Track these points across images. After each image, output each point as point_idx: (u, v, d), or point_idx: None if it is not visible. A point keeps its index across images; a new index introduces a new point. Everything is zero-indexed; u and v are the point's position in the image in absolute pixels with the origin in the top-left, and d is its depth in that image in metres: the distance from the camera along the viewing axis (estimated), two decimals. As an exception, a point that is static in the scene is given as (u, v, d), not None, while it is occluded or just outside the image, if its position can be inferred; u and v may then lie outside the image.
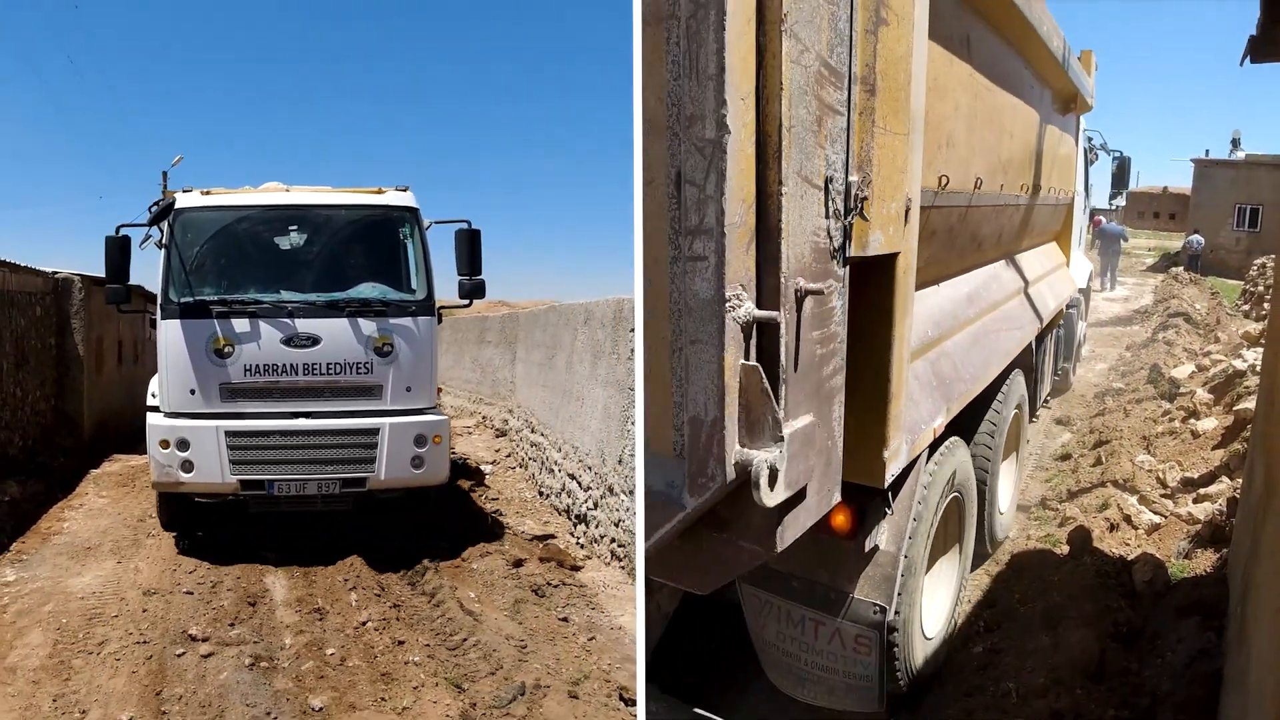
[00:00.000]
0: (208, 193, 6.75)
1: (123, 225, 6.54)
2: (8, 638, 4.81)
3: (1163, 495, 6.37)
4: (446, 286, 7.31)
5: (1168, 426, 7.82)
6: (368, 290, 6.82)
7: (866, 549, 3.42)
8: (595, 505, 7.28)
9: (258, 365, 6.41)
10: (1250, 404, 7.12)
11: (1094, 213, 12.90)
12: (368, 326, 6.59)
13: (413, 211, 6.99)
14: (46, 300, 10.14)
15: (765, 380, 2.19)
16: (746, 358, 2.21)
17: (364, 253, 7.08)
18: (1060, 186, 7.52)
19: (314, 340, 6.48)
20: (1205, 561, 4.90)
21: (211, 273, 6.77)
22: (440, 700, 4.29)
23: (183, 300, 6.43)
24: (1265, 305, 18.07)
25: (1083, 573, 4.89)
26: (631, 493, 7.48)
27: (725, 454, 2.18)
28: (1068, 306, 8.22)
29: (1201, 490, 6.31)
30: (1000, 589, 5.07)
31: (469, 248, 6.91)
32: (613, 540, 6.86)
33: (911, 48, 2.75)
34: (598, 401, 7.31)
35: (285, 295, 6.61)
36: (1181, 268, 23.57)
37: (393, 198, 7.05)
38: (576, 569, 6.38)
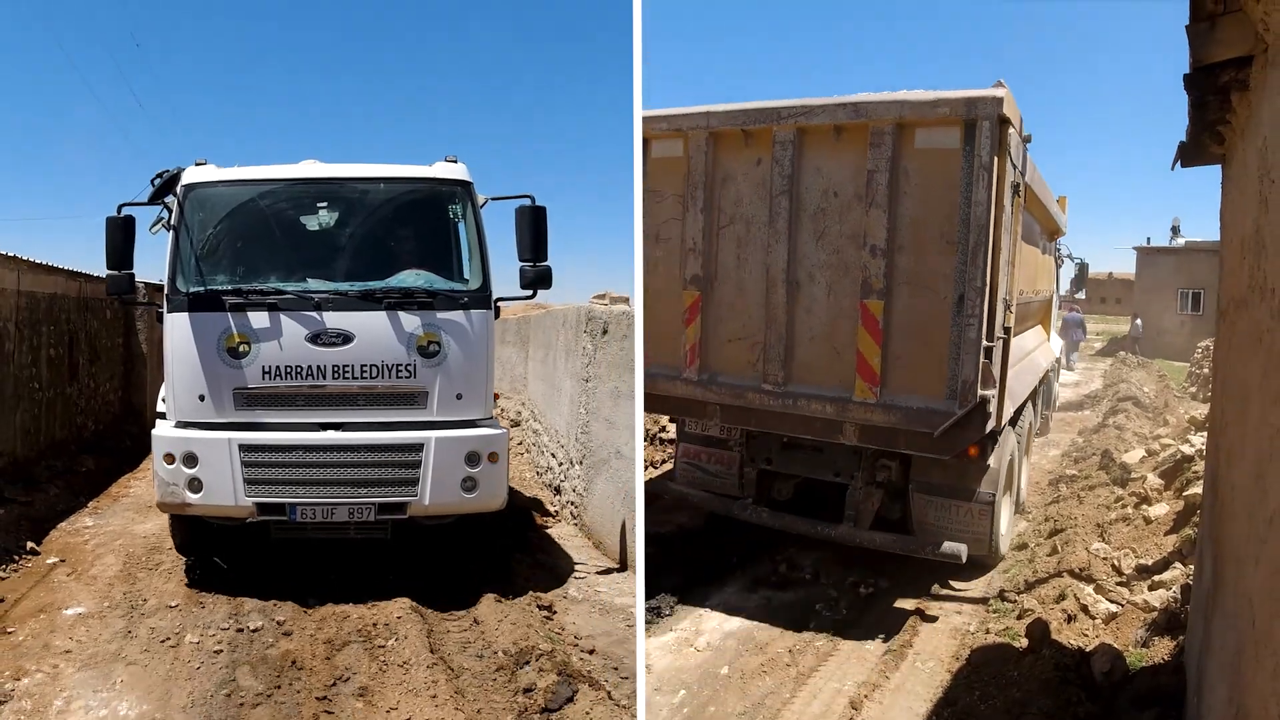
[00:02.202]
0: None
1: (125, 204, 5.80)
2: (90, 559, 7.05)
3: (1118, 583, 6.57)
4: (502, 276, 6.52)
5: (1121, 513, 8.06)
6: (411, 279, 5.99)
7: (984, 466, 6.65)
8: (564, 477, 8.87)
9: (279, 367, 5.69)
10: (1199, 489, 7.30)
11: (1062, 302, 16.17)
12: (411, 322, 5.80)
13: (465, 186, 6.15)
14: (115, 304, 12.01)
15: (997, 363, 5.95)
16: (987, 358, 5.90)
17: (407, 235, 6.30)
18: (1047, 288, 11.58)
19: (346, 338, 5.72)
20: (1163, 649, 5.04)
21: (226, 258, 6.04)
22: None
23: (192, 290, 5.78)
24: (1211, 388, 18.55)
25: (1042, 666, 4.95)
26: (582, 461, 8.27)
27: (977, 391, 5.81)
28: (1048, 370, 11.51)
29: (1156, 577, 6.54)
30: (960, 687, 5.11)
31: (532, 228, 5.99)
32: (570, 503, 8.65)
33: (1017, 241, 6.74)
34: (566, 391, 8.76)
35: (312, 284, 5.90)
36: (1127, 352, 24.66)
37: (442, 169, 6.19)
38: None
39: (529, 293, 6.13)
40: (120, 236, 5.72)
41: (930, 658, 5.79)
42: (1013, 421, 7.21)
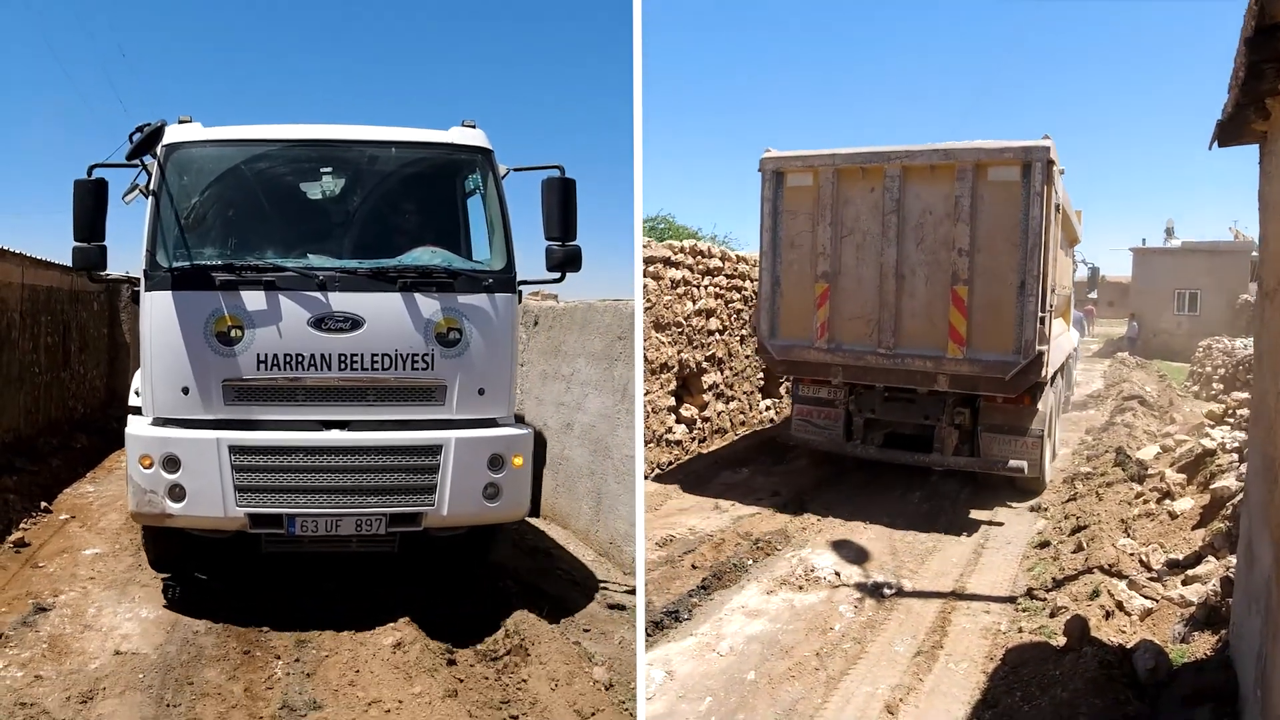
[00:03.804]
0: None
1: (96, 165, 5.13)
2: (96, 515, 8.42)
3: (1150, 579, 6.32)
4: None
5: (1144, 508, 7.98)
6: (427, 257, 5.46)
7: (1035, 409, 8.97)
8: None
9: (276, 356, 5.10)
10: (1225, 482, 7.21)
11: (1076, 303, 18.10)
12: (429, 306, 5.25)
13: (486, 154, 5.66)
14: (101, 297, 13.73)
15: (1042, 327, 8.47)
16: (1041, 325, 8.46)
17: (421, 207, 5.82)
18: (1067, 285, 13.92)
19: (355, 323, 5.15)
20: (1204, 645, 4.94)
21: (215, 230, 5.48)
22: None
23: (175, 265, 5.15)
24: (1214, 385, 18.67)
25: (1085, 665, 4.83)
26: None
27: (1035, 347, 8.38)
28: (1069, 354, 14.02)
29: (1190, 571, 6.36)
30: (999, 688, 4.99)
31: (561, 202, 5.51)
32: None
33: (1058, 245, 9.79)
34: (536, 371, 9.10)
35: (315, 261, 5.35)
36: (1126, 353, 24.86)
37: (460, 135, 5.68)
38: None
39: (556, 275, 5.64)
40: (90, 202, 5.07)
41: (963, 659, 5.67)
42: (1051, 381, 9.60)
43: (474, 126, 5.75)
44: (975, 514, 9.05)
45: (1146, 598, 6.30)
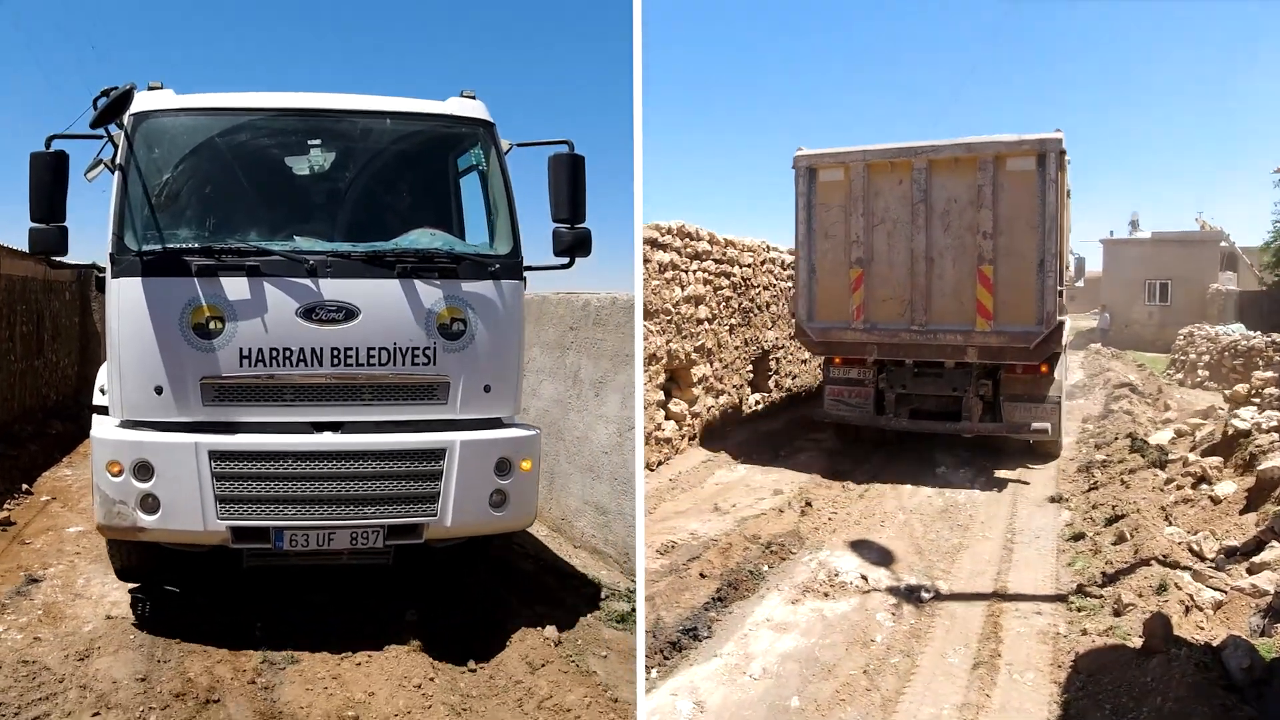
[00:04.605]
0: None
1: (55, 135, 4.62)
2: (76, 497, 8.58)
3: (1211, 568, 5.73)
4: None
5: (1180, 494, 7.32)
6: (426, 240, 5.03)
7: (1052, 377, 9.75)
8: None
9: (261, 350, 4.62)
10: (1274, 462, 6.70)
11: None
12: (430, 294, 4.80)
13: (488, 127, 5.26)
14: (73, 287, 14.11)
15: (1060, 300, 9.55)
16: (1060, 298, 9.50)
17: (419, 185, 5.38)
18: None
19: (349, 313, 4.68)
20: None
21: (190, 208, 4.99)
22: None
23: (146, 249, 4.64)
24: (1200, 372, 18.45)
25: (1180, 668, 4.20)
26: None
27: (1056, 317, 9.32)
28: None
29: (1254, 559, 5.70)
30: (1082, 700, 4.45)
31: (570, 181, 5.13)
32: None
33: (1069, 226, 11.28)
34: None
35: (304, 244, 4.86)
36: (1099, 344, 24.81)
37: (459, 106, 5.27)
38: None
39: (565, 261, 5.22)
40: (49, 178, 4.51)
41: (1026, 668, 5.08)
42: (1063, 352, 10.85)
43: (474, 97, 5.33)
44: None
45: (1214, 589, 5.75)
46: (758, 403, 13.24)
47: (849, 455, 10.75)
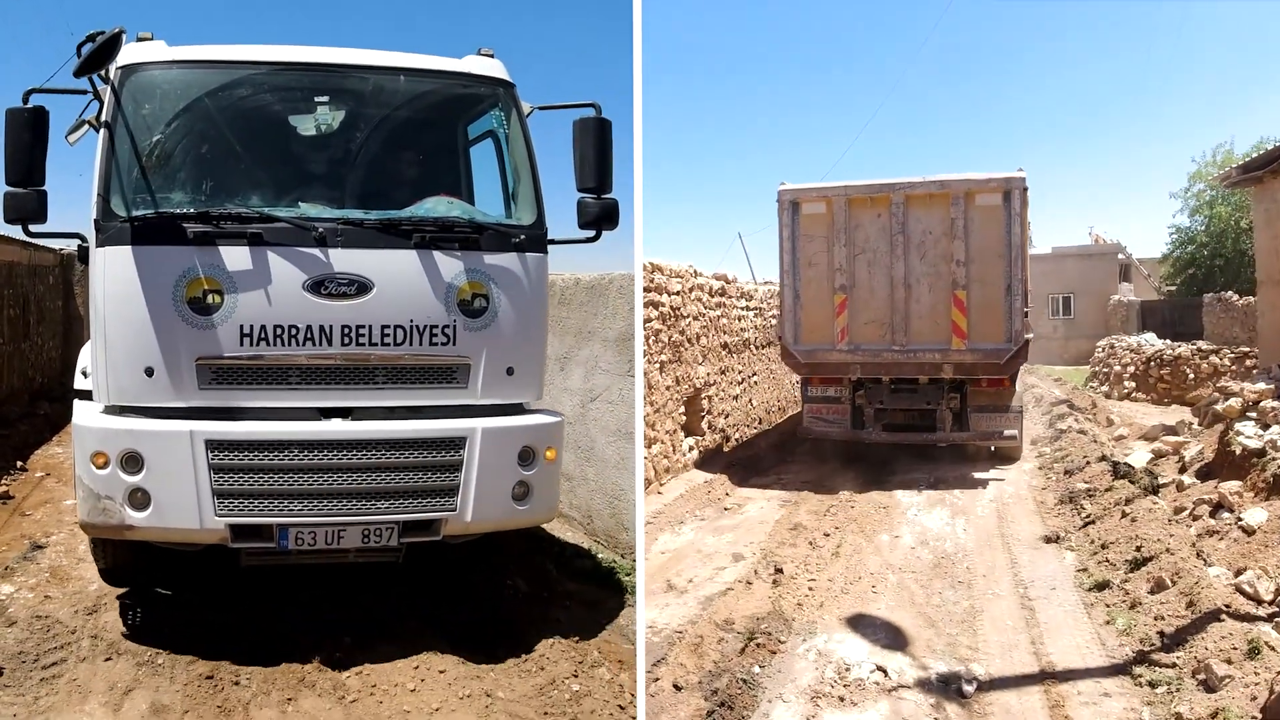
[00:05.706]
0: None
1: (34, 90, 4.25)
2: (70, 473, 7.46)
3: (1274, 611, 4.81)
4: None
5: (1202, 525, 6.36)
6: (444, 207, 4.74)
7: (1013, 390, 11.16)
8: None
9: (264, 327, 4.28)
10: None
11: None
12: (450, 267, 4.50)
13: (507, 87, 4.97)
14: (56, 271, 14.51)
15: (1025, 320, 10.66)
16: (1025, 318, 10.68)
17: (434, 148, 5.10)
18: None
19: (361, 286, 4.36)
20: None
21: (185, 170, 4.63)
22: None
23: (136, 214, 4.29)
24: (1126, 383, 18.29)
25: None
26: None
27: (1023, 335, 10.58)
28: None
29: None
30: None
31: (597, 147, 4.83)
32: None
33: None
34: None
35: (311, 210, 4.54)
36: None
37: (476, 64, 4.96)
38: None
39: (591, 234, 4.92)
40: (28, 137, 4.14)
41: None
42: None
43: (491, 56, 5.02)
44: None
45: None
46: (690, 448, 12.03)
47: (803, 504, 9.43)
